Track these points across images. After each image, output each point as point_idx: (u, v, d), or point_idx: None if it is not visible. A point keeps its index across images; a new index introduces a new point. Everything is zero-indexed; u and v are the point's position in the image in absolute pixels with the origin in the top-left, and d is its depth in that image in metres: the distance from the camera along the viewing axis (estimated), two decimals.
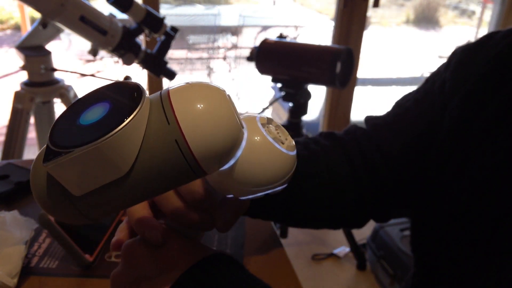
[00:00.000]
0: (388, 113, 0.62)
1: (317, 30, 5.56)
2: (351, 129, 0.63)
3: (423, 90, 0.60)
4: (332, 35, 2.20)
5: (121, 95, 0.27)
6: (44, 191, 0.27)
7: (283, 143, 0.32)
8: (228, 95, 0.28)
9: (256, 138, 0.30)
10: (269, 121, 0.32)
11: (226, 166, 0.30)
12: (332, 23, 2.22)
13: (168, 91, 0.27)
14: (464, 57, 0.55)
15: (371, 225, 1.96)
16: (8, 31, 5.99)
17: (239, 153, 0.29)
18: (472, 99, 0.52)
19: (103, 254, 0.62)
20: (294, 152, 0.32)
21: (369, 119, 0.63)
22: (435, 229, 0.55)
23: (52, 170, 0.25)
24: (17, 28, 5.89)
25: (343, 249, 1.89)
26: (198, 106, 0.26)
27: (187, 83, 0.28)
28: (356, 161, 0.58)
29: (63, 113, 0.28)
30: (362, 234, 1.94)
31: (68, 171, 0.25)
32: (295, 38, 1.42)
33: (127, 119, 0.24)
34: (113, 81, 0.28)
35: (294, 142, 0.32)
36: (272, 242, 0.67)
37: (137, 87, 0.27)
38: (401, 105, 0.61)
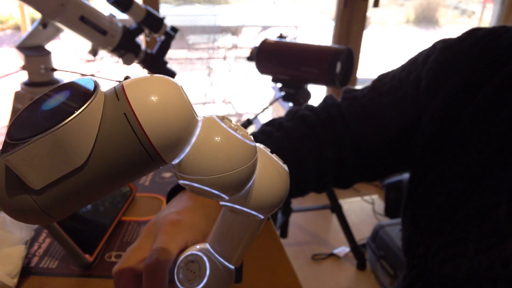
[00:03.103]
0: (365, 94, 0.64)
1: (317, 30, 5.55)
2: (327, 106, 0.66)
3: (398, 78, 0.62)
4: (332, 35, 2.20)
5: (77, 90, 0.27)
6: (3, 186, 0.26)
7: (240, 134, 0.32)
8: (181, 86, 0.29)
9: (212, 126, 0.30)
10: (226, 117, 0.32)
11: (183, 154, 0.29)
12: (332, 23, 2.22)
13: (122, 82, 0.27)
14: (443, 55, 0.56)
15: (371, 225, 1.96)
16: (8, 31, 5.99)
17: (193, 139, 0.29)
18: (456, 99, 0.53)
19: (103, 254, 0.62)
20: (253, 143, 0.31)
21: (346, 97, 0.66)
22: (423, 231, 0.56)
23: (9, 162, 0.25)
24: (17, 28, 5.88)
25: (343, 249, 1.89)
26: (151, 91, 0.26)
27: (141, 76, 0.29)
28: (326, 148, 0.62)
29: (21, 111, 0.28)
30: (362, 234, 1.94)
31: (25, 163, 0.25)
32: (295, 38, 1.42)
33: (80, 108, 0.25)
34: (70, 80, 0.29)
35: (252, 137, 0.33)
36: (272, 242, 0.67)
37: (93, 82, 0.27)
38: (377, 89, 0.63)
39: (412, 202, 0.60)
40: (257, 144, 0.35)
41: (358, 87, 0.69)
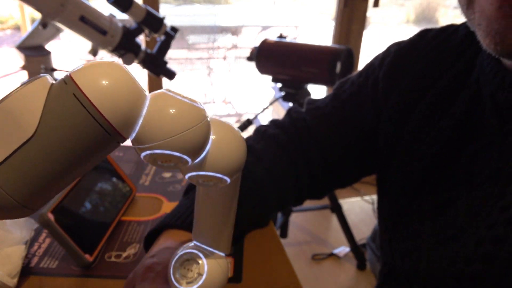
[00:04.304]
0: (327, 104, 0.66)
1: (317, 30, 5.55)
2: (293, 120, 0.68)
3: (357, 84, 0.63)
4: (332, 35, 2.19)
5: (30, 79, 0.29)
6: None
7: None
8: (126, 68, 0.30)
9: (160, 95, 0.32)
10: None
11: (138, 127, 0.30)
12: (332, 23, 2.22)
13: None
14: (397, 57, 0.59)
15: (371, 225, 1.95)
16: (8, 31, 5.99)
17: (144, 111, 0.30)
18: (409, 97, 0.55)
19: (103, 254, 0.62)
20: (201, 106, 0.33)
21: (310, 109, 0.68)
22: (387, 227, 0.59)
23: None
24: (17, 28, 5.88)
25: (343, 249, 1.89)
26: (96, 72, 0.28)
27: None
28: (299, 165, 0.64)
29: None
30: (362, 234, 1.94)
31: None
32: (295, 38, 1.42)
33: (26, 84, 0.28)
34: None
35: (200, 102, 0.34)
36: (272, 242, 0.67)
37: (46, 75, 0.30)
38: (338, 97, 0.65)
39: (379, 200, 0.62)
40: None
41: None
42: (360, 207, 2.24)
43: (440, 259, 0.47)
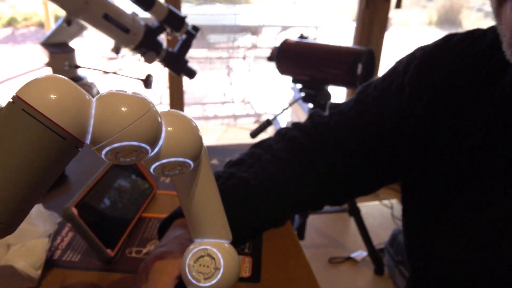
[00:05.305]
0: (350, 108, 0.65)
1: (338, 30, 5.52)
2: (315, 124, 0.67)
3: (380, 88, 0.63)
4: (353, 36, 2.18)
5: None
6: None
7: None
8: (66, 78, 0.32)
9: (104, 95, 0.33)
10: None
11: (91, 128, 0.32)
12: (353, 24, 2.20)
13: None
14: (423, 62, 0.58)
15: (389, 230, 1.93)
16: (32, 28, 6.11)
17: (92, 111, 0.32)
18: (436, 102, 0.55)
19: (124, 250, 0.63)
20: (142, 96, 0.34)
21: (333, 113, 0.67)
22: (418, 232, 0.58)
23: None
24: (40, 25, 6.00)
25: (360, 253, 1.88)
26: (40, 86, 0.30)
27: None
28: (320, 167, 0.64)
29: None
30: (380, 238, 1.92)
31: None
32: (315, 38, 1.41)
33: None
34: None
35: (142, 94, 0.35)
36: (291, 244, 0.67)
37: None
38: (361, 101, 0.64)
39: (407, 206, 0.61)
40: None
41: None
42: (379, 211, 2.22)
43: (477, 264, 0.46)
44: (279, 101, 3.92)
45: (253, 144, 0.68)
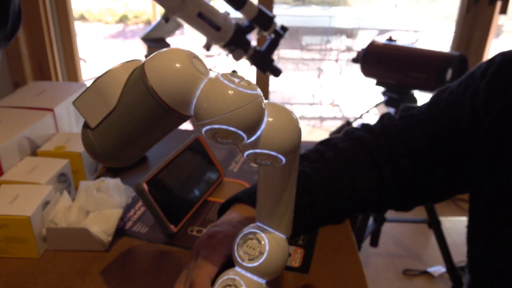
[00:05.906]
0: (422, 112, 0.63)
1: (439, 35, 5.22)
2: (385, 126, 0.66)
3: (455, 93, 0.60)
4: (452, 41, 2.06)
5: None
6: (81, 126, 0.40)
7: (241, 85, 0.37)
8: (190, 54, 0.36)
9: (213, 80, 0.36)
10: (233, 73, 0.38)
11: (193, 105, 0.36)
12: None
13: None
14: (502, 67, 0.55)
15: None
16: (141, 25, 6.64)
17: (197, 92, 0.35)
18: (509, 115, 0.52)
19: (187, 227, 0.68)
20: (251, 91, 0.36)
21: (404, 116, 0.66)
22: (478, 245, 0.56)
23: (75, 105, 0.38)
24: (148, 22, 6.51)
25: (438, 269, 1.78)
26: (159, 59, 0.35)
27: None
28: (385, 168, 0.63)
29: None
30: (462, 256, 1.79)
31: (83, 106, 0.38)
32: (413, 42, 1.36)
33: (117, 66, 0.37)
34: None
35: (257, 89, 0.37)
36: (346, 242, 0.66)
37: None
38: (435, 106, 0.62)
39: (472, 216, 0.59)
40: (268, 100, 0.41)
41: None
42: (465, 228, 2.07)
43: None
44: (368, 106, 3.82)
45: (319, 141, 0.70)
